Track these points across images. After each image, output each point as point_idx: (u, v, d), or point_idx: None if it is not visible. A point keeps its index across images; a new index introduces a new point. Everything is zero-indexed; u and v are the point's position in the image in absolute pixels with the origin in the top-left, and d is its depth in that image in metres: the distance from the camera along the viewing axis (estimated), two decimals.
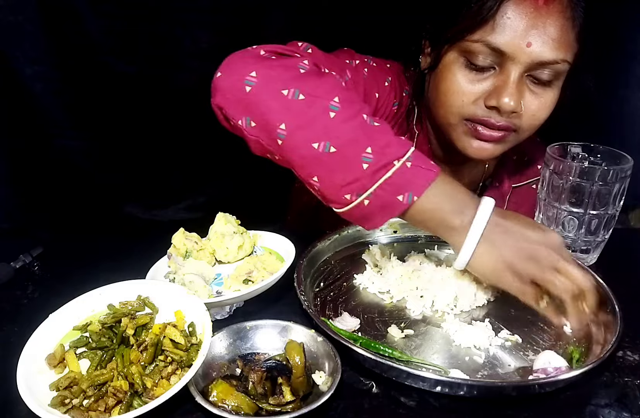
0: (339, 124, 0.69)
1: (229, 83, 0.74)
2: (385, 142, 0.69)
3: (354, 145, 0.69)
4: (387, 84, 0.97)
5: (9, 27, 1.03)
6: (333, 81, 0.76)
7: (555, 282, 0.69)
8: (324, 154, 0.69)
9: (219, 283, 0.79)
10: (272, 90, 0.71)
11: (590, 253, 0.90)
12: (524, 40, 0.80)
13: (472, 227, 0.69)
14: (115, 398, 0.58)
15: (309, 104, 0.70)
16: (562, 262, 0.69)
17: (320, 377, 0.63)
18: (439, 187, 0.70)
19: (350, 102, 0.72)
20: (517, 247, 0.70)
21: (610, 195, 0.84)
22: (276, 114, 0.70)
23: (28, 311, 0.76)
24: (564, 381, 0.63)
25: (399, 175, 0.68)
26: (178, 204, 1.33)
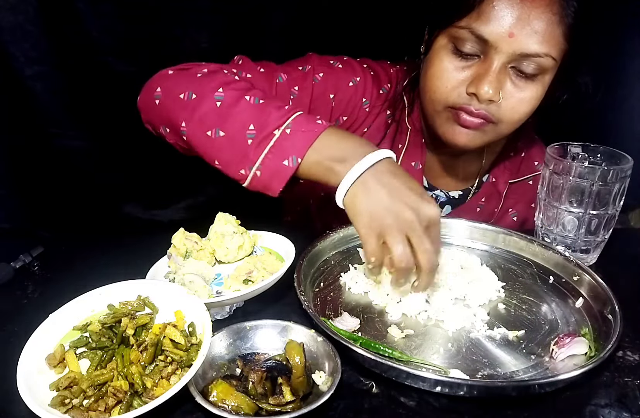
0: (224, 110, 0.78)
1: (144, 102, 0.89)
2: (266, 115, 0.76)
3: (238, 126, 0.77)
4: (351, 84, 1.01)
5: (9, 27, 1.03)
6: (222, 77, 0.84)
7: (395, 247, 0.69)
8: (216, 139, 0.78)
9: (219, 283, 0.79)
10: (171, 97, 0.83)
11: (590, 253, 0.90)
12: (507, 30, 0.82)
13: (351, 169, 0.71)
14: (115, 398, 0.58)
15: (199, 100, 0.80)
16: (418, 232, 0.69)
17: (320, 377, 0.63)
18: (323, 143, 0.74)
19: (233, 90, 0.80)
20: (387, 200, 0.70)
21: (610, 195, 0.84)
22: (177, 116, 0.82)
23: (28, 311, 0.76)
24: (564, 381, 0.63)
25: (280, 142, 0.74)
26: (178, 204, 1.33)
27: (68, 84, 1.11)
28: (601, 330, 0.73)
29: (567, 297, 0.82)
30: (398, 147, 1.05)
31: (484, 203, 1.11)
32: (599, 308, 0.76)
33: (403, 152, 1.05)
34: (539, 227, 0.93)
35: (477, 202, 1.12)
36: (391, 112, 1.04)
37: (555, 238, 0.90)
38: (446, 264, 0.84)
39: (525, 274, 0.87)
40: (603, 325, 0.73)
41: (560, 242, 0.90)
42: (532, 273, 0.88)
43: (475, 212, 1.11)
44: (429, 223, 0.70)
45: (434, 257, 0.71)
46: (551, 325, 0.76)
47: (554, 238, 0.90)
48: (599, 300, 0.77)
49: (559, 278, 0.85)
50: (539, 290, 0.83)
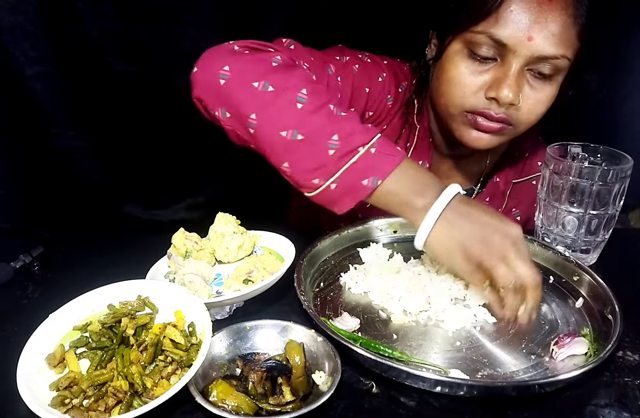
0: (306, 113, 0.73)
1: (205, 77, 0.79)
2: (351, 129, 0.73)
3: (320, 133, 0.72)
4: (380, 79, 1.00)
5: (9, 27, 1.03)
6: (302, 74, 0.79)
7: (497, 270, 0.69)
8: (292, 141, 0.73)
9: (219, 283, 0.79)
10: (243, 82, 0.76)
11: (590, 253, 0.90)
12: (526, 33, 0.82)
13: (432, 207, 0.70)
14: (115, 398, 0.58)
15: (277, 95, 0.74)
16: (512, 253, 0.69)
17: (320, 377, 0.63)
18: (402, 171, 0.72)
19: (317, 93, 0.76)
20: (473, 230, 0.70)
21: (610, 195, 0.84)
22: (247, 105, 0.75)
23: (28, 311, 0.76)
24: (564, 381, 0.63)
25: (363, 160, 0.71)
26: (178, 204, 1.33)
27: (68, 84, 1.11)
28: (601, 330, 0.73)
29: (567, 297, 0.82)
30: (406, 145, 1.05)
31: (487, 203, 1.11)
32: (599, 308, 0.76)
33: (411, 151, 1.05)
34: (539, 227, 0.93)
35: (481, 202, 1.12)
36: (405, 111, 1.04)
37: (555, 238, 0.90)
38: None
39: None
40: (603, 325, 0.73)
41: (560, 242, 0.90)
42: None
43: None
44: (517, 242, 0.70)
45: (531, 272, 0.69)
46: (551, 325, 0.76)
47: (554, 238, 0.90)
48: (599, 300, 0.77)
49: (559, 278, 0.85)
50: None
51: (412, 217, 0.73)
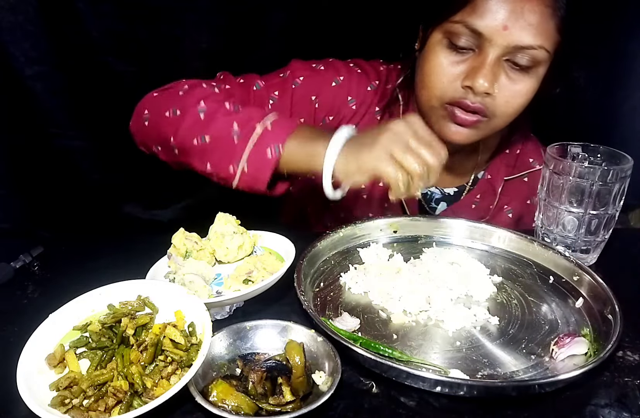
0: (207, 118, 0.84)
1: (135, 125, 0.96)
2: (248, 116, 0.82)
3: (222, 128, 0.82)
4: (334, 84, 1.03)
5: (9, 27, 1.03)
6: (200, 91, 0.91)
7: (404, 160, 0.73)
8: (203, 144, 0.83)
9: (219, 283, 0.79)
10: (158, 116, 0.89)
11: (590, 253, 0.90)
12: (502, 23, 0.84)
13: (330, 143, 0.76)
14: (115, 398, 0.58)
15: (183, 115, 0.86)
16: (412, 138, 0.74)
17: (320, 377, 0.63)
18: (300, 134, 0.80)
19: (214, 101, 0.86)
20: (375, 135, 0.76)
21: (610, 195, 0.84)
22: (165, 132, 0.87)
23: (28, 311, 0.76)
24: (564, 381, 0.63)
25: (263, 136, 0.79)
26: (178, 204, 1.33)
27: (68, 84, 1.11)
28: (601, 330, 0.73)
29: (567, 297, 0.82)
30: None
31: (479, 200, 1.11)
32: (599, 308, 0.76)
33: None
34: (539, 227, 0.93)
35: (472, 199, 1.12)
36: (380, 109, 1.05)
37: (555, 238, 0.90)
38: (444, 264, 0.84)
39: (525, 274, 0.87)
40: (603, 325, 0.73)
41: (560, 242, 0.90)
42: (532, 273, 0.88)
43: (470, 208, 1.11)
44: (418, 125, 0.76)
45: (436, 154, 0.75)
46: (551, 325, 0.76)
47: (554, 238, 0.90)
48: (599, 300, 0.77)
49: (559, 278, 0.85)
50: (539, 290, 0.83)
51: (318, 162, 0.77)
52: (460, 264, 0.85)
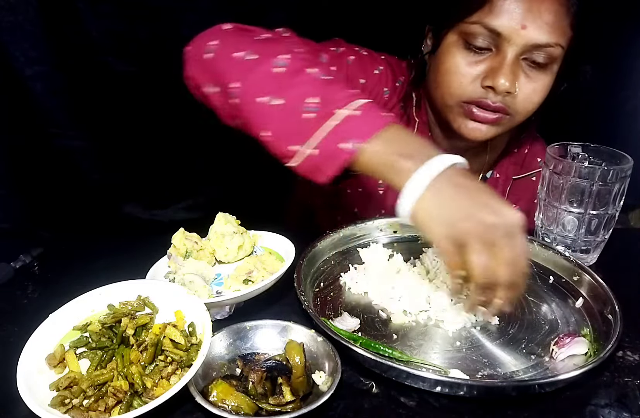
0: (285, 77, 0.71)
1: (194, 53, 0.81)
2: (333, 92, 0.69)
3: (298, 97, 0.69)
4: (377, 71, 1.01)
5: (9, 27, 1.03)
6: (286, 42, 0.79)
7: (477, 258, 0.61)
8: (272, 107, 0.70)
9: (219, 283, 0.79)
10: (226, 53, 0.76)
11: (590, 253, 0.90)
12: (519, 22, 0.84)
13: (421, 168, 0.62)
14: (115, 398, 0.58)
15: (258, 62, 0.73)
16: (504, 243, 0.60)
17: (320, 377, 0.63)
18: (390, 134, 0.66)
19: (298, 58, 0.73)
20: (468, 205, 0.61)
21: (610, 195, 0.84)
22: (229, 74, 0.74)
23: (28, 311, 0.76)
24: (564, 381, 0.63)
25: (344, 123, 0.66)
26: (178, 204, 1.33)
27: (68, 84, 1.11)
28: (601, 330, 0.73)
29: (567, 297, 0.82)
30: None
31: None
32: (599, 308, 0.76)
33: None
34: (539, 227, 0.93)
35: None
36: (404, 105, 1.05)
37: (555, 238, 0.90)
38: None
39: None
40: (603, 325, 0.73)
41: (560, 242, 0.90)
42: (532, 273, 0.87)
43: None
44: (514, 231, 0.61)
45: (519, 270, 0.62)
46: (551, 325, 0.76)
47: (554, 238, 0.90)
48: (599, 300, 0.77)
49: (559, 278, 0.85)
50: (539, 290, 0.83)
51: (399, 181, 0.63)
52: None
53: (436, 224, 0.62)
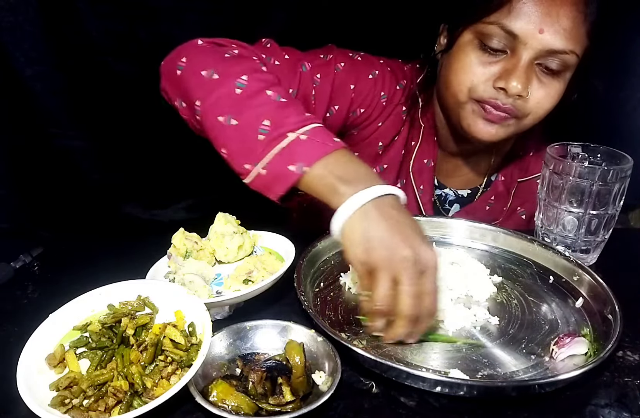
0: (243, 99, 0.75)
1: (166, 68, 0.86)
2: (285, 115, 0.73)
3: (253, 118, 0.73)
4: (371, 76, 1.00)
5: (9, 27, 1.03)
6: (249, 63, 0.82)
7: (380, 285, 0.64)
8: (228, 126, 0.74)
9: (219, 283, 0.79)
10: (194, 71, 0.80)
11: (590, 253, 0.90)
12: (537, 26, 0.84)
13: (357, 194, 0.65)
14: (115, 398, 0.58)
15: (220, 82, 0.77)
16: (410, 278, 0.63)
17: (320, 377, 0.63)
18: (335, 160, 0.69)
19: (258, 80, 0.77)
20: (389, 235, 0.64)
21: (610, 195, 0.84)
22: (194, 92, 0.79)
23: (28, 311, 0.76)
24: (564, 381, 0.63)
25: (292, 146, 0.70)
26: (178, 204, 1.33)
27: (68, 84, 1.11)
28: (601, 330, 0.73)
29: (567, 297, 0.82)
30: (411, 144, 1.06)
31: (493, 202, 1.12)
32: (599, 308, 0.76)
33: (416, 149, 1.06)
34: (539, 227, 0.93)
35: (486, 201, 1.12)
36: (407, 108, 1.04)
37: (555, 238, 0.90)
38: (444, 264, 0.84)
39: (525, 274, 0.87)
40: (603, 325, 0.73)
41: (560, 242, 0.90)
42: (532, 273, 0.88)
43: (484, 210, 1.12)
44: (426, 268, 0.64)
45: (418, 305, 0.64)
46: (551, 325, 0.76)
47: (554, 238, 0.90)
48: (599, 300, 0.77)
49: (559, 278, 0.85)
50: (539, 290, 0.83)
51: (334, 200, 0.67)
52: (460, 264, 0.85)
53: (355, 247, 0.65)
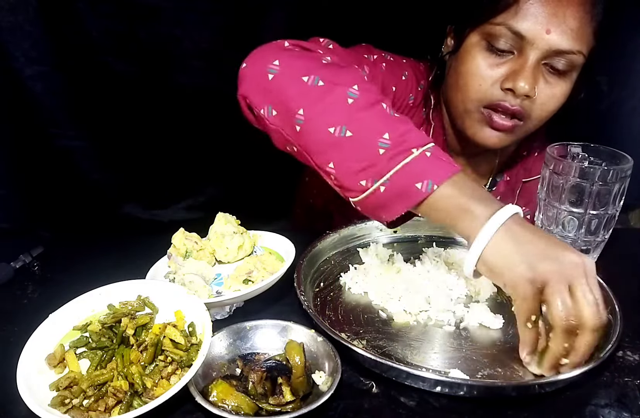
0: (356, 110, 0.69)
1: (253, 72, 0.76)
2: (404, 130, 0.68)
3: (371, 130, 0.67)
4: (404, 78, 1.00)
5: (9, 27, 1.03)
6: (354, 71, 0.77)
7: (557, 297, 0.60)
8: (341, 139, 0.67)
9: (219, 283, 0.79)
10: (293, 77, 0.72)
11: (590, 254, 0.90)
12: (544, 26, 0.83)
13: (495, 215, 0.63)
14: (115, 398, 0.58)
15: (328, 90, 0.70)
16: (583, 282, 0.60)
17: (320, 377, 0.63)
18: (460, 180, 0.66)
19: (369, 91, 0.71)
20: (543, 246, 0.62)
21: (610, 195, 0.84)
22: (295, 100, 0.71)
23: (28, 311, 0.76)
24: (564, 381, 0.63)
25: (417, 162, 0.65)
26: (178, 204, 1.33)
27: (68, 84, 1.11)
28: None
29: None
30: None
31: None
32: None
33: None
34: (539, 227, 0.92)
35: None
36: (426, 110, 1.04)
37: None
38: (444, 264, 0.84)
39: None
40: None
41: None
42: None
43: None
44: (591, 273, 0.62)
45: (595, 310, 0.60)
46: None
47: None
48: None
49: None
50: None
51: (468, 224, 0.64)
52: (460, 264, 0.85)
53: (515, 266, 0.62)
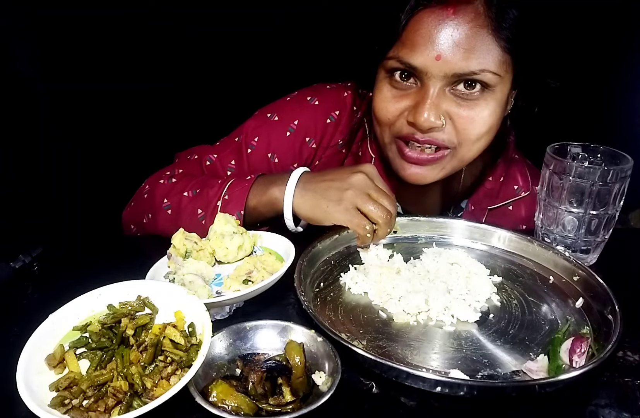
0: (176, 214, 0.93)
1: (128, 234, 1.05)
2: (206, 196, 0.90)
3: (191, 217, 0.91)
4: (289, 133, 1.01)
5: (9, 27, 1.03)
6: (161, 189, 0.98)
7: (370, 209, 0.80)
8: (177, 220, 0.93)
9: (219, 284, 0.79)
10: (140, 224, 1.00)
11: (590, 253, 0.90)
12: (433, 53, 0.80)
13: (288, 182, 0.84)
14: (115, 399, 0.58)
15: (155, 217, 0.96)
16: (374, 187, 0.81)
17: (320, 377, 0.63)
18: (255, 188, 0.88)
19: (174, 195, 0.94)
20: (332, 181, 0.82)
21: (610, 195, 0.84)
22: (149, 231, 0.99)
23: (28, 311, 0.76)
24: (564, 381, 0.63)
25: (224, 208, 0.88)
26: None
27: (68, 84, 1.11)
28: (601, 330, 0.73)
29: (567, 297, 0.82)
30: None
31: None
32: (599, 308, 0.76)
33: None
34: (539, 227, 0.93)
35: None
36: (344, 141, 1.02)
37: (555, 238, 0.90)
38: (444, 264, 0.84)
39: (525, 274, 0.87)
40: (603, 325, 0.73)
41: (560, 242, 0.90)
42: (532, 273, 0.88)
43: None
44: (373, 174, 0.82)
45: (393, 203, 0.82)
46: (551, 325, 0.76)
47: (554, 238, 0.90)
48: (599, 300, 0.77)
49: (559, 278, 0.85)
50: (539, 290, 0.83)
51: (278, 206, 0.85)
52: (460, 264, 0.85)
53: (318, 205, 0.82)
